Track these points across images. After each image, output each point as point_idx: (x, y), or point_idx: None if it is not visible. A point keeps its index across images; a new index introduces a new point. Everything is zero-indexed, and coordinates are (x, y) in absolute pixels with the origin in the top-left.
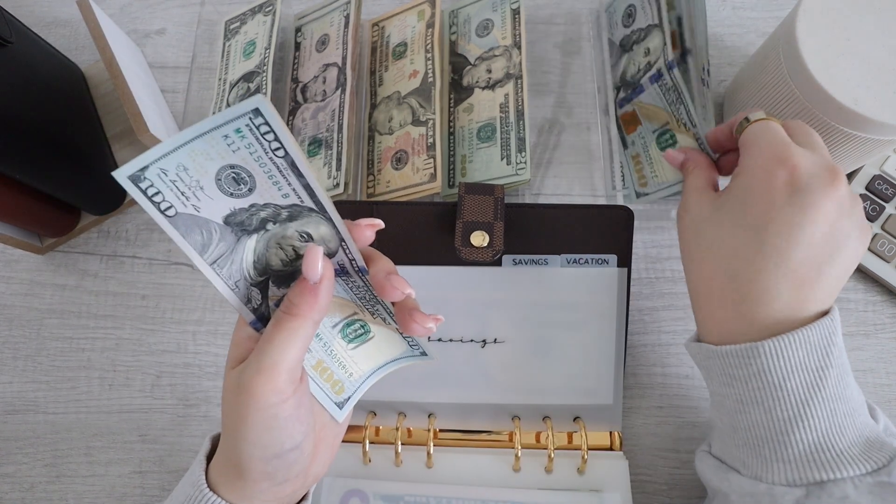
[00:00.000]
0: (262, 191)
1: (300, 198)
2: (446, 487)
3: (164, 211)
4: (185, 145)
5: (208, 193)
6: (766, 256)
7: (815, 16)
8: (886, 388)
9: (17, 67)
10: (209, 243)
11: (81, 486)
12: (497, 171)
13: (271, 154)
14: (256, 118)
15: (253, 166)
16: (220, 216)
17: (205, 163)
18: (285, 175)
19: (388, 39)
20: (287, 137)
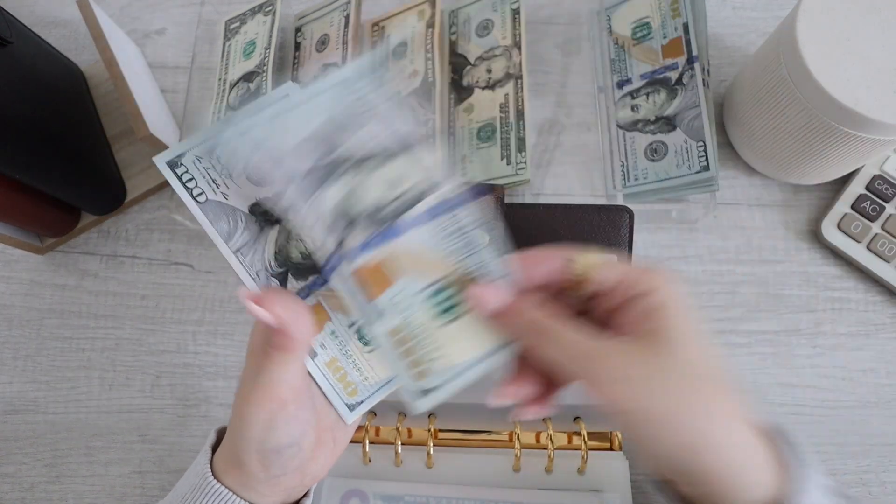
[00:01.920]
0: (361, 137)
1: (396, 132)
2: (446, 487)
3: (196, 196)
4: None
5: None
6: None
7: (815, 16)
8: (887, 387)
9: (17, 67)
10: (234, 231)
11: (81, 486)
12: (497, 171)
13: (385, 94)
14: (376, 71)
15: (363, 118)
16: (245, 205)
17: (292, 131)
18: (391, 111)
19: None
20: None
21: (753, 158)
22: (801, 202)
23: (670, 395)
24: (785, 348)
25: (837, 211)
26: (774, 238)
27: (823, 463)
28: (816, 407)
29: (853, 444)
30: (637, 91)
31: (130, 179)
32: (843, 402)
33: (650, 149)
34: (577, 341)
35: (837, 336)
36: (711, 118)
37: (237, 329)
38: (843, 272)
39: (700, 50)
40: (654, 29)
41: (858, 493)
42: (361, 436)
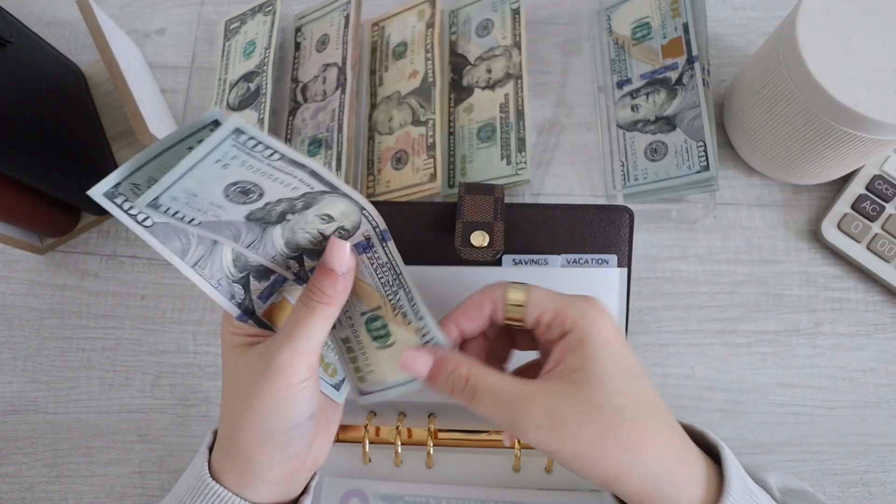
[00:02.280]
0: (270, 192)
1: (309, 185)
2: (446, 487)
3: (190, 222)
4: (183, 177)
5: (222, 207)
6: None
7: (815, 16)
8: (887, 387)
9: (17, 67)
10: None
11: (81, 486)
12: (497, 171)
13: (267, 161)
14: (240, 136)
15: (253, 177)
16: (241, 217)
17: (207, 187)
18: (287, 172)
19: (388, 39)
20: (275, 143)
21: (753, 158)
22: (801, 202)
23: (588, 436)
24: (785, 348)
25: (837, 211)
26: (774, 238)
27: (823, 463)
28: (816, 407)
29: (853, 444)
30: (637, 91)
31: None
32: (843, 402)
33: (650, 149)
34: (498, 393)
35: (837, 336)
36: (711, 118)
37: None
38: (843, 272)
39: (700, 50)
40: (654, 29)
41: (858, 493)
42: (361, 436)
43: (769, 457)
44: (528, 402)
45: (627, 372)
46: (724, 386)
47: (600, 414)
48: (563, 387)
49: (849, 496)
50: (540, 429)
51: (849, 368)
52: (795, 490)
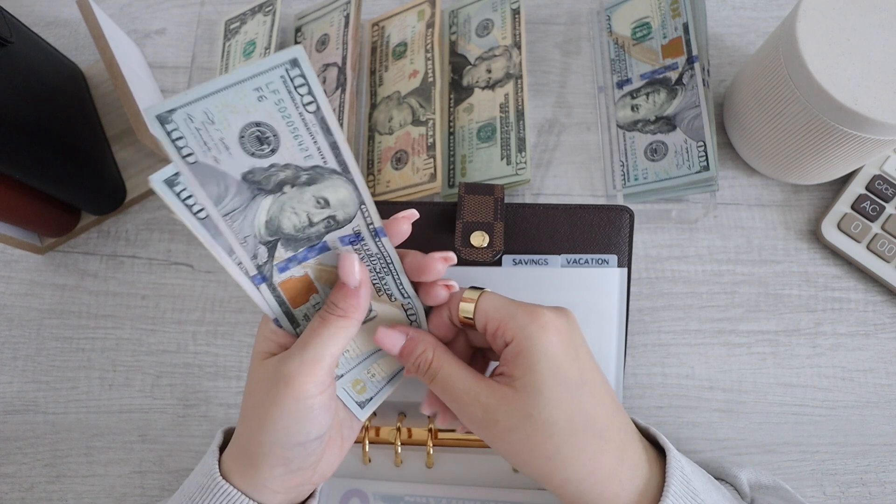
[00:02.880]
0: (284, 151)
1: (324, 158)
2: (446, 487)
3: (186, 157)
4: (215, 94)
5: (230, 149)
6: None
7: (815, 16)
8: (886, 387)
9: (17, 67)
10: (225, 196)
11: (81, 486)
12: (497, 171)
13: (302, 109)
14: (293, 69)
15: (279, 123)
16: (238, 172)
17: (230, 116)
18: (312, 133)
19: (388, 39)
20: (321, 91)
21: (753, 158)
22: (801, 202)
23: (515, 440)
24: (785, 348)
25: (837, 211)
26: (774, 238)
27: (823, 463)
28: (816, 407)
29: (853, 444)
30: (637, 91)
31: (130, 179)
32: (843, 402)
33: (650, 149)
34: (453, 382)
35: (837, 336)
36: (711, 118)
37: (237, 329)
38: (843, 272)
39: (700, 50)
40: (654, 29)
41: (858, 493)
42: (361, 436)
43: (769, 457)
44: (472, 396)
45: (564, 385)
46: (724, 386)
47: (529, 423)
48: (504, 391)
49: (849, 496)
50: (476, 423)
51: (849, 368)
52: (769, 486)
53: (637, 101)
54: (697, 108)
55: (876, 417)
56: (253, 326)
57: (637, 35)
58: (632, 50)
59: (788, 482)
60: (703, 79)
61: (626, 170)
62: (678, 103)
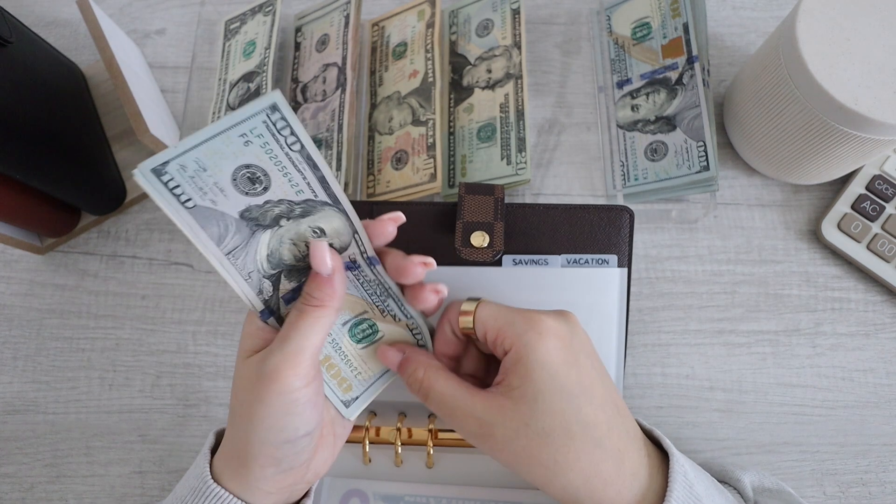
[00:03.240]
0: (276, 188)
1: (314, 191)
2: (446, 487)
3: (184, 203)
4: (203, 143)
5: (224, 191)
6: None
7: (815, 16)
8: (886, 388)
9: (17, 67)
10: (226, 234)
11: (81, 486)
12: (497, 171)
13: (287, 149)
14: (273, 114)
15: (267, 164)
16: (236, 211)
17: (220, 162)
18: (300, 169)
19: (388, 39)
20: (302, 131)
21: (753, 158)
22: (801, 202)
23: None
24: (785, 348)
25: (837, 211)
26: (774, 238)
27: (823, 463)
28: (816, 407)
29: (853, 444)
30: (637, 91)
31: (130, 179)
32: (843, 402)
33: (650, 149)
34: (445, 399)
35: (837, 336)
36: (711, 118)
37: (237, 329)
38: (843, 272)
39: (700, 50)
40: (654, 29)
41: (858, 493)
42: (361, 436)
43: (769, 457)
44: (467, 412)
45: (561, 393)
46: (724, 386)
47: (526, 433)
48: (501, 402)
49: (849, 496)
50: (473, 437)
51: (849, 368)
52: (772, 489)
53: (637, 101)
54: (697, 108)
55: (876, 417)
56: None
57: (637, 35)
58: (632, 50)
59: (788, 482)
60: (703, 79)
61: (626, 170)
62: (678, 103)
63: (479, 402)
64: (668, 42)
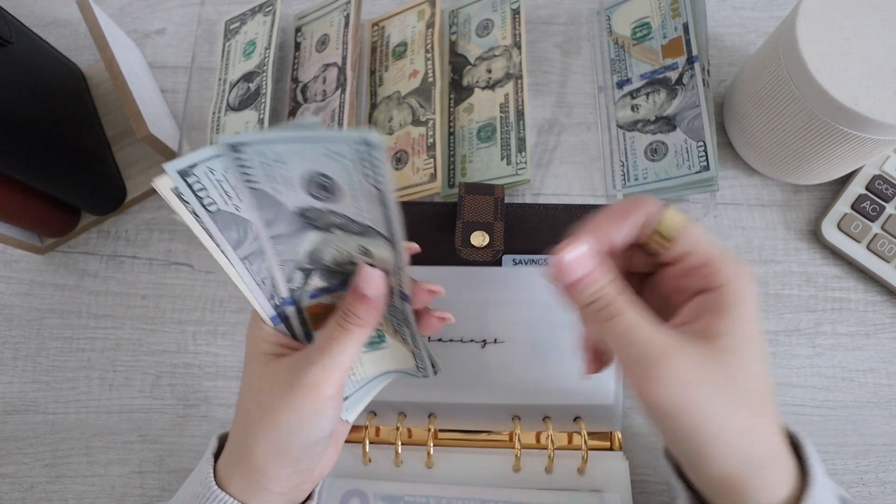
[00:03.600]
0: (342, 204)
1: (376, 225)
2: (446, 487)
3: (207, 206)
4: (287, 143)
5: (294, 187)
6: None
7: (815, 16)
8: (886, 388)
9: (17, 67)
10: (244, 240)
11: (81, 486)
12: (497, 171)
13: (366, 182)
14: (366, 148)
15: (344, 182)
16: (296, 207)
17: (301, 162)
18: (370, 201)
19: (388, 39)
20: (388, 177)
21: (753, 158)
22: (801, 202)
23: (711, 412)
24: (785, 348)
25: (837, 211)
26: (774, 238)
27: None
28: (816, 407)
29: (853, 444)
30: (637, 91)
31: (130, 179)
32: (843, 402)
33: (650, 149)
34: (638, 330)
35: (837, 336)
36: (711, 118)
37: (237, 329)
38: (843, 272)
39: (700, 50)
40: (654, 29)
41: (858, 493)
42: (361, 436)
43: None
44: (666, 354)
45: (761, 353)
46: None
47: (731, 388)
48: (702, 352)
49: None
50: (669, 387)
51: (849, 368)
52: (849, 501)
53: (637, 101)
54: (697, 108)
55: (876, 417)
56: None
57: (637, 35)
58: (632, 50)
59: None
60: (703, 79)
61: (626, 170)
62: (678, 103)
63: (679, 349)
64: (668, 42)
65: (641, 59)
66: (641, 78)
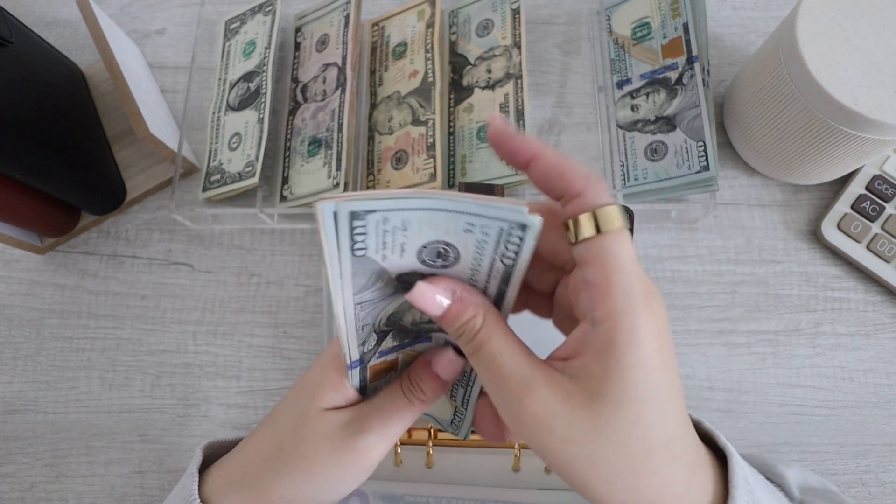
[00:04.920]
0: (454, 270)
1: (488, 294)
2: (446, 487)
3: (355, 250)
4: (427, 210)
5: (405, 253)
6: None
7: (815, 16)
8: (886, 388)
9: (17, 67)
10: (367, 288)
11: (81, 486)
12: (497, 171)
13: (498, 259)
14: (518, 230)
15: (468, 253)
16: (398, 270)
17: (426, 230)
18: (492, 276)
19: (388, 39)
20: (526, 258)
21: (753, 158)
22: (801, 202)
23: (575, 458)
24: (785, 348)
25: (837, 211)
26: (774, 238)
27: (823, 463)
28: (816, 407)
29: (853, 444)
30: (637, 91)
31: (130, 179)
32: (843, 402)
33: (650, 149)
34: (501, 362)
35: (837, 336)
36: (711, 118)
37: (237, 329)
38: (843, 272)
39: (700, 50)
40: (654, 29)
41: (858, 493)
42: None
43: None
44: (525, 388)
45: (652, 403)
46: (724, 386)
47: (596, 440)
48: (570, 391)
49: (849, 496)
50: (523, 423)
51: (849, 368)
52: (818, 489)
53: (637, 101)
54: (697, 108)
55: (876, 417)
56: (253, 326)
57: (637, 35)
58: (632, 50)
59: None
60: (703, 79)
61: (626, 170)
62: (678, 103)
63: (543, 379)
64: (668, 42)
65: (641, 59)
66: (641, 78)
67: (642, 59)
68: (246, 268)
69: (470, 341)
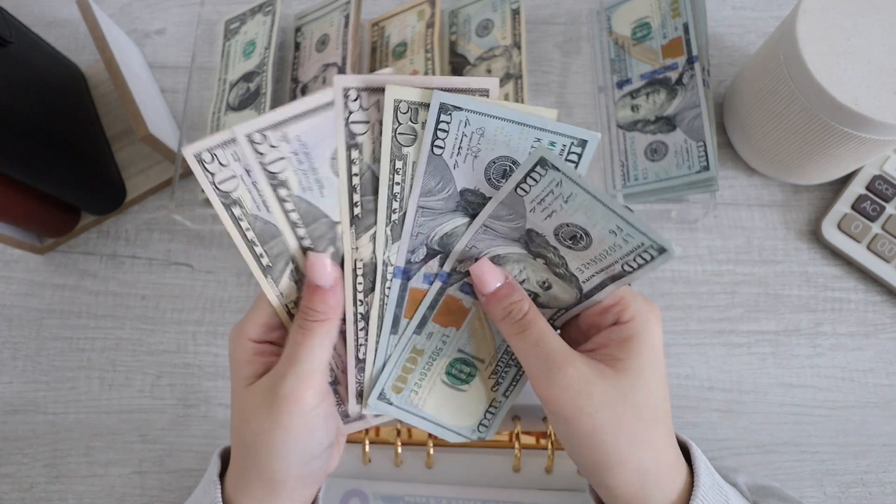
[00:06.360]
0: (575, 255)
1: (589, 285)
2: (446, 487)
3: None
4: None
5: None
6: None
7: (815, 16)
8: (886, 388)
9: (17, 67)
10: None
11: (81, 486)
12: None
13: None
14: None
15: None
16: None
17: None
18: (606, 274)
19: (388, 39)
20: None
21: (753, 158)
22: (801, 202)
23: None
24: (785, 348)
25: (837, 211)
26: (774, 238)
27: (823, 463)
28: (816, 407)
29: (853, 444)
30: (637, 91)
31: (130, 179)
32: (843, 402)
33: (650, 149)
34: (546, 339)
35: (837, 336)
36: (711, 118)
37: None
38: (843, 272)
39: (700, 50)
40: (654, 29)
41: (858, 493)
42: (361, 436)
43: (769, 457)
44: (567, 361)
45: (658, 378)
46: (724, 386)
47: (623, 403)
48: (602, 367)
49: (849, 496)
50: (566, 390)
51: (849, 368)
52: (765, 487)
53: (637, 102)
54: (697, 108)
55: (876, 417)
56: None
57: (637, 35)
58: (632, 50)
59: (788, 482)
60: (703, 79)
61: (626, 170)
62: (678, 103)
63: (580, 358)
64: (668, 42)
65: (641, 59)
66: (641, 78)
67: (642, 59)
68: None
69: (519, 320)
